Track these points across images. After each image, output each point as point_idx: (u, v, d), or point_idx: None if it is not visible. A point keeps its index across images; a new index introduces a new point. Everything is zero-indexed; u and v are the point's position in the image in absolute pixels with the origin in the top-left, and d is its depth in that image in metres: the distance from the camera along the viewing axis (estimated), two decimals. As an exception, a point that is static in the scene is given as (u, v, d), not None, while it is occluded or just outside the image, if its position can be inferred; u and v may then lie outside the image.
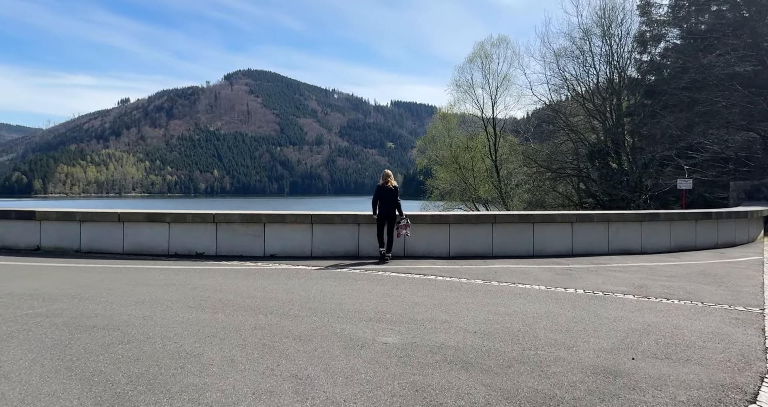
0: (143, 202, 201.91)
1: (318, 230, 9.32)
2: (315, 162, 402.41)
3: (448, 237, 9.47)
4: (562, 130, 28.71)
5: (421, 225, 9.45)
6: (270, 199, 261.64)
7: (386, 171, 9.10)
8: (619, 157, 24.09)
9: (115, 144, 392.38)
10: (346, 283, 6.98)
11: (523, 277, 7.51)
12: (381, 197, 8.78)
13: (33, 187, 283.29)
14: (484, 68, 30.33)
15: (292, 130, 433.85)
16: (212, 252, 9.09)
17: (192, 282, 6.86)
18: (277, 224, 9.23)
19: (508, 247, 9.55)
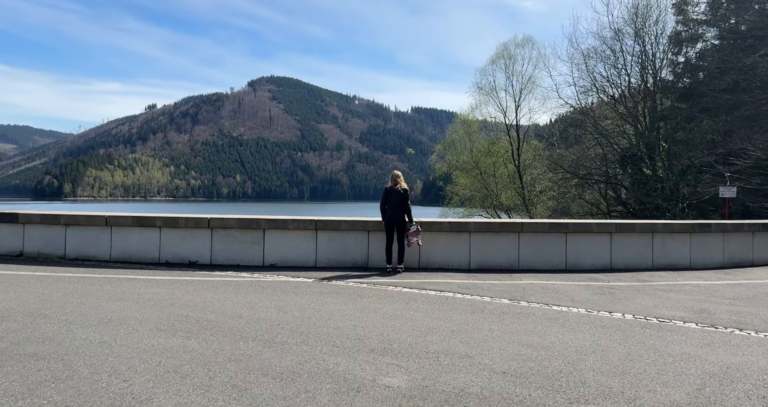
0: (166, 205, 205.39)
1: (323, 238, 8.40)
2: (335, 167, 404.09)
3: (469, 247, 8.43)
4: (590, 135, 27.30)
5: (438, 233, 8.44)
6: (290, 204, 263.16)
7: (395, 172, 8.14)
8: (653, 163, 22.58)
9: (141, 148, 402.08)
10: (350, 300, 6.01)
11: (557, 297, 6.42)
12: (388, 201, 7.83)
13: (63, 191, 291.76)
14: (508, 70, 29.18)
15: (312, 135, 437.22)
16: (206, 260, 8.25)
17: (174, 296, 5.99)
18: (278, 230, 8.35)
19: (536, 260, 8.45)
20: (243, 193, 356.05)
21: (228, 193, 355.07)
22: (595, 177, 25.88)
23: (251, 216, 8.48)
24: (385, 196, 7.86)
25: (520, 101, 29.76)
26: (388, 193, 7.84)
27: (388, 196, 7.83)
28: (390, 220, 7.80)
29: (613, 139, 25.49)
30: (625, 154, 23.39)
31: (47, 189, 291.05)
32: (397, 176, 8.02)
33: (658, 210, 22.00)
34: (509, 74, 29.41)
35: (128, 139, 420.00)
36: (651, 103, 23.20)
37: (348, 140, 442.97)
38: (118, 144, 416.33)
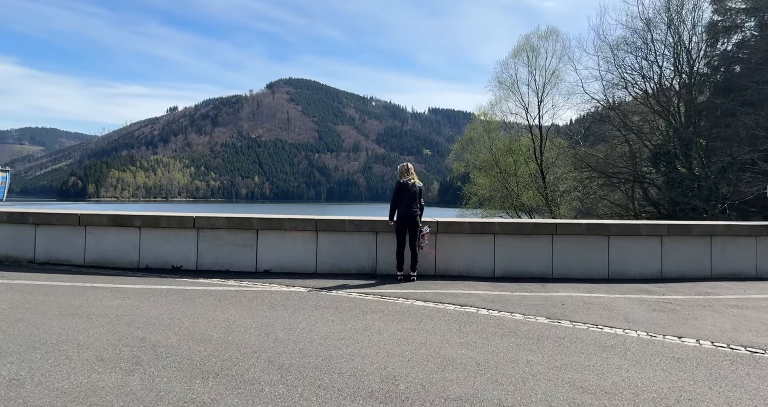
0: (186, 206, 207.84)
1: (324, 240, 7.31)
2: (352, 168, 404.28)
3: (493, 251, 7.24)
4: (618, 131, 25.69)
5: (458, 235, 7.27)
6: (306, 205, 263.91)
7: (406, 164, 7.02)
8: (689, 160, 20.94)
9: (163, 150, 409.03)
10: (350, 317, 4.90)
11: (606, 315, 5.20)
12: (402, 197, 6.71)
13: (87, 191, 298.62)
14: (530, 63, 27.70)
15: (330, 137, 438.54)
16: (191, 265, 7.23)
17: (138, 311, 4.96)
18: (273, 231, 7.29)
19: (573, 266, 7.22)
20: (261, 194, 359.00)
21: (246, 194, 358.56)
22: (624, 176, 24.28)
23: (242, 215, 7.44)
24: (399, 191, 6.74)
25: (543, 96, 28.31)
26: (401, 188, 6.72)
27: (401, 191, 6.72)
28: (403, 220, 6.67)
29: (644, 136, 23.87)
30: (659, 151, 21.79)
31: (72, 190, 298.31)
32: (408, 169, 6.90)
33: (695, 212, 20.36)
34: (532, 68, 27.97)
35: (150, 141, 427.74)
36: (687, 96, 21.55)
37: (365, 141, 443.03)
38: (140, 146, 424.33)
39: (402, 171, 6.89)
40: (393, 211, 6.77)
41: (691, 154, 20.90)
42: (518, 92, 28.56)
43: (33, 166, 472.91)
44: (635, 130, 23.96)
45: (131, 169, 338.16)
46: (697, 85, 23.16)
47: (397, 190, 6.75)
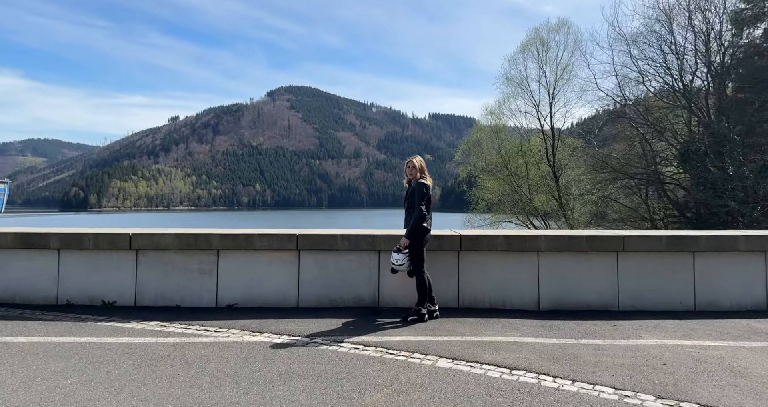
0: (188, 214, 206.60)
1: (310, 262, 5.45)
2: (353, 175, 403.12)
3: (537, 274, 5.35)
4: (636, 130, 23.81)
5: (489, 254, 5.39)
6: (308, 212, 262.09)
7: (417, 159, 5.15)
8: (722, 159, 19.03)
9: (164, 159, 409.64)
10: (339, 399, 2.99)
11: (746, 387, 3.28)
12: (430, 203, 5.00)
13: (89, 202, 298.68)
14: (541, 58, 25.83)
15: (330, 143, 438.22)
16: (128, 300, 5.35)
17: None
18: (239, 252, 5.42)
19: (646, 294, 5.32)
20: (263, 202, 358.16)
21: (248, 202, 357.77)
22: (646, 177, 22.36)
23: (197, 230, 5.56)
24: (429, 194, 5.00)
25: (555, 93, 26.45)
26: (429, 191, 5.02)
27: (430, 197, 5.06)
28: (427, 235, 5.00)
29: (668, 133, 21.98)
30: (687, 148, 19.87)
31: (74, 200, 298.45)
32: (421, 163, 5.10)
33: (729, 215, 18.42)
34: (542, 63, 26.11)
35: (152, 151, 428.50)
36: (718, 87, 19.68)
37: (366, 147, 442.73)
38: (141, 155, 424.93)
39: (415, 167, 5.04)
40: (424, 221, 4.90)
41: (723, 151, 18.99)
42: (528, 89, 26.73)
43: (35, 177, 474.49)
44: (659, 127, 22.08)
45: (133, 178, 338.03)
46: (729, 76, 21.28)
47: (426, 193, 4.94)
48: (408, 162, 5.15)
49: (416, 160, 5.08)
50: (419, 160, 5.10)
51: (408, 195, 5.07)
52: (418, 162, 5.06)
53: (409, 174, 5.06)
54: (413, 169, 5.02)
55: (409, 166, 5.09)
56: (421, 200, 4.88)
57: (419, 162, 5.07)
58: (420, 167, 5.03)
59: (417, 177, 5.00)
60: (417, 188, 4.92)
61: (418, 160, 5.10)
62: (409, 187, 5.09)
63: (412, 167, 5.05)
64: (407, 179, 5.15)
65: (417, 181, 4.97)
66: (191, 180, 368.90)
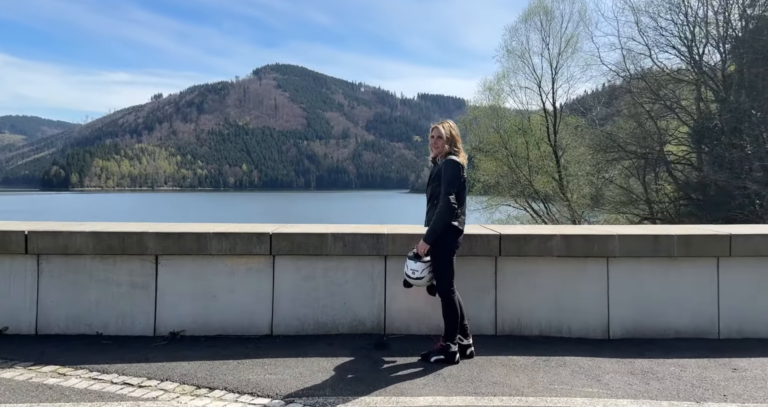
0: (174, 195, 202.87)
1: (288, 271, 3.88)
2: (341, 156, 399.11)
3: (607, 288, 3.84)
4: (642, 107, 22.36)
5: (539, 260, 3.86)
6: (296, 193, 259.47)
7: (446, 125, 3.51)
8: (740, 137, 17.70)
9: (148, 138, 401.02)
10: None
11: None
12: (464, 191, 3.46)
13: (70, 181, 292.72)
14: (544, 28, 24.07)
15: (318, 124, 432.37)
16: (27, 326, 3.75)
17: None
18: (187, 258, 3.82)
19: (759, 317, 3.84)
20: (250, 183, 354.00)
21: (235, 183, 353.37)
22: (655, 156, 21.02)
23: (128, 226, 3.93)
24: (463, 179, 3.40)
25: (558, 67, 24.79)
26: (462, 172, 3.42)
27: (464, 182, 3.49)
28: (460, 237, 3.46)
29: (679, 111, 20.56)
30: (701, 126, 18.49)
31: (54, 179, 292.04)
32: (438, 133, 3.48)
33: (747, 198, 17.20)
34: (545, 34, 24.33)
35: (135, 129, 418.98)
36: (738, 60, 18.21)
37: (354, 128, 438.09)
38: (124, 134, 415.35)
39: (453, 137, 3.45)
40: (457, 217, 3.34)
41: (743, 128, 17.65)
42: (530, 63, 25.00)
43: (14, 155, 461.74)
44: (669, 103, 20.64)
45: (115, 157, 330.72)
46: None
47: (459, 175, 3.35)
48: (432, 130, 3.54)
49: (444, 127, 3.47)
50: (449, 127, 3.48)
51: (432, 177, 3.49)
52: (446, 129, 3.45)
53: (435, 147, 3.46)
54: (439, 140, 3.42)
55: (434, 135, 3.48)
56: (450, 186, 3.30)
57: (448, 129, 3.46)
58: (450, 137, 3.43)
59: (446, 151, 3.40)
60: (445, 168, 3.33)
61: (447, 126, 3.49)
62: (434, 167, 3.51)
63: (437, 137, 3.44)
64: (432, 155, 3.56)
65: (446, 157, 3.38)
66: (176, 160, 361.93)
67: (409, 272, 3.46)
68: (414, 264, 3.43)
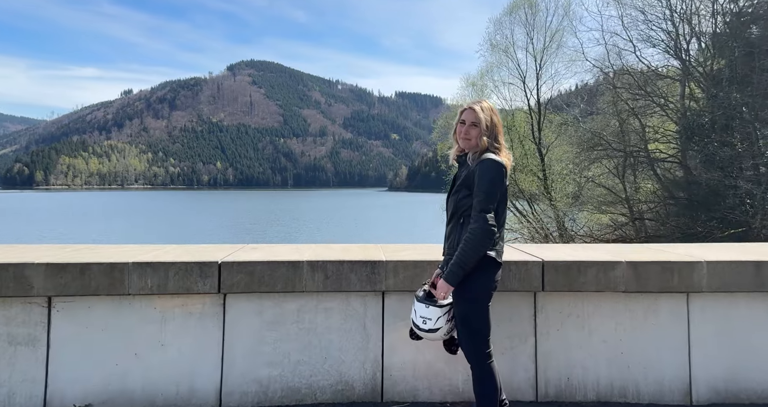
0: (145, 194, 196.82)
1: (245, 316, 2.73)
2: (319, 154, 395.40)
3: (687, 334, 2.80)
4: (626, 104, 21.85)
5: (595, 296, 2.79)
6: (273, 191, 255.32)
7: (485, 105, 2.36)
8: (731, 134, 17.23)
9: (117, 135, 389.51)
10: None
11: None
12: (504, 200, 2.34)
13: (35, 179, 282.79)
14: (528, 22, 23.34)
15: (295, 121, 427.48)
16: None
17: None
18: (94, 300, 2.62)
19: None
20: (224, 181, 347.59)
21: (209, 181, 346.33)
22: (645, 154, 20.49)
23: (4, 255, 2.71)
24: (504, 185, 2.31)
25: (542, 63, 24.06)
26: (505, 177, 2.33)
27: (504, 189, 2.36)
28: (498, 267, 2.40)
29: (667, 109, 20.08)
30: (692, 123, 17.97)
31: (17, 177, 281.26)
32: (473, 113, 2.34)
33: (737, 198, 16.73)
34: (529, 28, 23.59)
35: (103, 126, 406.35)
36: (729, 55, 17.74)
37: (331, 126, 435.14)
38: (92, 130, 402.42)
39: (494, 126, 2.35)
40: (495, 242, 2.27)
41: (733, 125, 17.18)
42: (514, 58, 24.23)
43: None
44: (657, 100, 20.12)
45: (83, 155, 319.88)
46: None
47: (501, 179, 2.27)
48: (464, 113, 2.41)
49: (483, 109, 2.34)
50: (489, 111, 2.35)
51: (458, 184, 2.38)
52: (486, 113, 2.33)
53: (465, 138, 2.36)
54: (474, 129, 2.33)
55: (467, 119, 2.36)
56: (489, 199, 2.21)
57: (489, 113, 2.34)
58: (490, 126, 2.32)
59: (483, 146, 2.30)
60: (481, 172, 2.24)
61: (486, 108, 2.36)
62: (460, 169, 2.40)
63: (471, 124, 2.33)
64: (456, 150, 2.46)
65: (482, 155, 2.28)
66: (147, 157, 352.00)
67: (418, 321, 2.37)
68: (426, 310, 2.34)
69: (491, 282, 2.28)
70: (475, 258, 2.19)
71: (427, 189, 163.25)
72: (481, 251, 2.19)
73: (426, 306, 2.36)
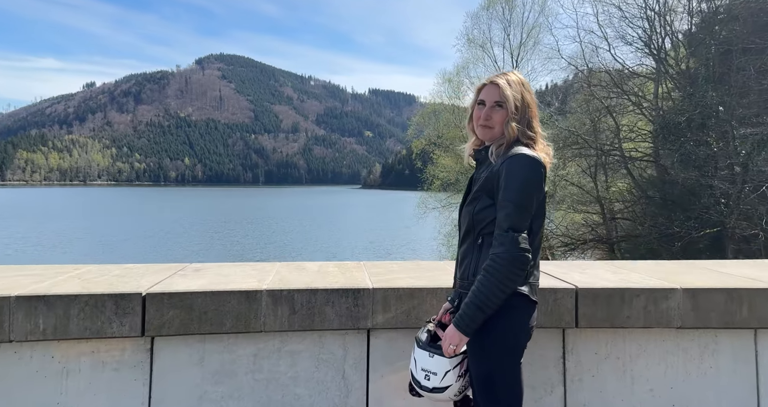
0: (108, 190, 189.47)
1: (179, 368, 2.00)
2: (291, 150, 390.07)
3: (756, 380, 2.22)
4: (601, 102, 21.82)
5: (640, 333, 2.17)
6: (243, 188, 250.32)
7: (513, 78, 1.68)
8: (707, 133, 17.27)
9: (79, 129, 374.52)
10: None
11: None
12: (541, 213, 1.65)
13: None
14: (505, 17, 22.98)
15: (266, 117, 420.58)
16: None
17: None
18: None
19: None
20: (193, 177, 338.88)
21: (176, 177, 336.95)
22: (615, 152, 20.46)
23: None
24: (541, 194, 1.62)
25: (519, 60, 23.76)
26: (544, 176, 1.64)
27: (542, 199, 1.66)
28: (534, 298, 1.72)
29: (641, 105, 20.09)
30: (668, 122, 17.94)
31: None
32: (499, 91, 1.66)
33: (712, 198, 16.79)
34: (506, 24, 23.24)
35: (64, 119, 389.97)
36: (706, 53, 17.77)
37: (304, 122, 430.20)
38: (52, 124, 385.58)
39: (527, 107, 1.69)
40: (530, 273, 1.61)
41: (709, 124, 17.22)
42: (491, 53, 23.85)
43: None
44: (632, 98, 20.10)
45: (42, 149, 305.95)
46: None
47: (540, 186, 1.60)
48: (483, 89, 1.73)
49: (509, 84, 1.65)
50: (518, 83, 1.67)
51: (478, 188, 1.70)
52: (515, 87, 1.65)
53: (485, 124, 1.70)
54: (497, 111, 1.67)
55: (488, 98, 1.70)
56: (521, 212, 1.55)
57: (519, 89, 1.66)
58: (521, 106, 1.65)
59: (511, 135, 1.64)
60: (511, 172, 1.58)
61: (515, 81, 1.67)
62: (481, 167, 1.75)
63: (493, 105, 1.67)
64: (472, 143, 1.81)
65: (510, 149, 1.63)
66: (111, 152, 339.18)
67: (419, 375, 1.71)
68: (430, 360, 1.68)
69: (524, 329, 1.62)
70: (500, 296, 1.52)
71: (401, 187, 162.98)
72: (509, 287, 1.52)
73: (429, 355, 1.69)
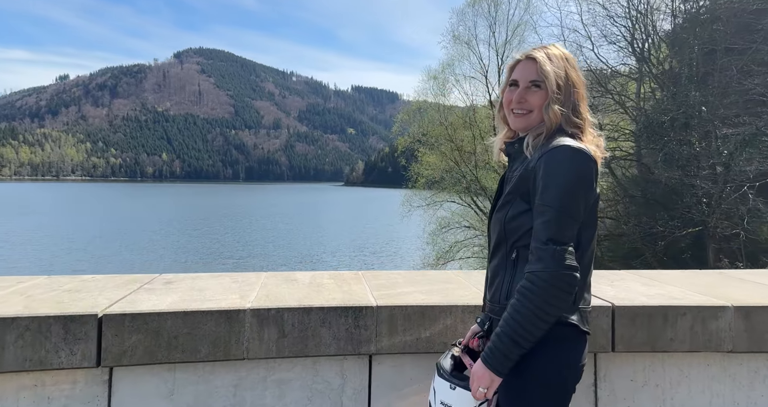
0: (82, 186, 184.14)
1: (139, 405, 1.60)
2: (272, 146, 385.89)
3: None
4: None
5: (682, 356, 1.88)
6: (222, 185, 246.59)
7: (555, 53, 1.37)
8: (689, 132, 17.40)
9: (52, 123, 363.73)
10: None
11: None
12: (593, 224, 1.32)
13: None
14: (491, 14, 22.86)
15: (247, 112, 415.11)
16: None
17: None
18: None
19: None
20: (171, 173, 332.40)
21: (154, 173, 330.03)
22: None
23: None
24: (593, 198, 1.29)
25: (504, 57, 23.66)
26: (594, 183, 1.26)
27: (594, 202, 1.30)
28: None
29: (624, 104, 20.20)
30: (651, 122, 18.03)
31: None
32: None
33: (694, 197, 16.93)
34: (492, 21, 23.12)
35: (36, 113, 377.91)
36: (689, 54, 17.91)
37: (286, 118, 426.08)
38: (23, 117, 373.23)
39: (574, 88, 1.35)
40: (579, 299, 1.30)
41: (692, 124, 17.35)
42: (476, 51, 23.72)
43: None
44: (616, 98, 20.17)
45: (12, 143, 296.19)
46: (698, 42, 19.62)
47: (592, 186, 1.27)
48: (516, 66, 1.42)
49: (550, 59, 1.34)
50: (560, 58, 1.35)
51: (510, 189, 1.37)
52: (557, 64, 1.33)
53: (519, 108, 1.38)
54: (535, 92, 1.36)
55: (521, 78, 1.38)
56: (565, 216, 1.22)
57: (561, 64, 1.34)
58: (565, 86, 1.34)
59: (552, 123, 1.32)
60: (551, 169, 1.25)
61: (557, 55, 1.36)
62: (514, 164, 1.42)
63: (528, 85, 1.36)
64: (503, 136, 1.49)
65: (551, 140, 1.31)
66: (85, 147, 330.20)
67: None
68: (452, 394, 1.40)
69: (572, 368, 1.30)
70: (540, 326, 1.20)
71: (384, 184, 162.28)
72: (550, 314, 1.20)
73: (451, 386, 1.38)
